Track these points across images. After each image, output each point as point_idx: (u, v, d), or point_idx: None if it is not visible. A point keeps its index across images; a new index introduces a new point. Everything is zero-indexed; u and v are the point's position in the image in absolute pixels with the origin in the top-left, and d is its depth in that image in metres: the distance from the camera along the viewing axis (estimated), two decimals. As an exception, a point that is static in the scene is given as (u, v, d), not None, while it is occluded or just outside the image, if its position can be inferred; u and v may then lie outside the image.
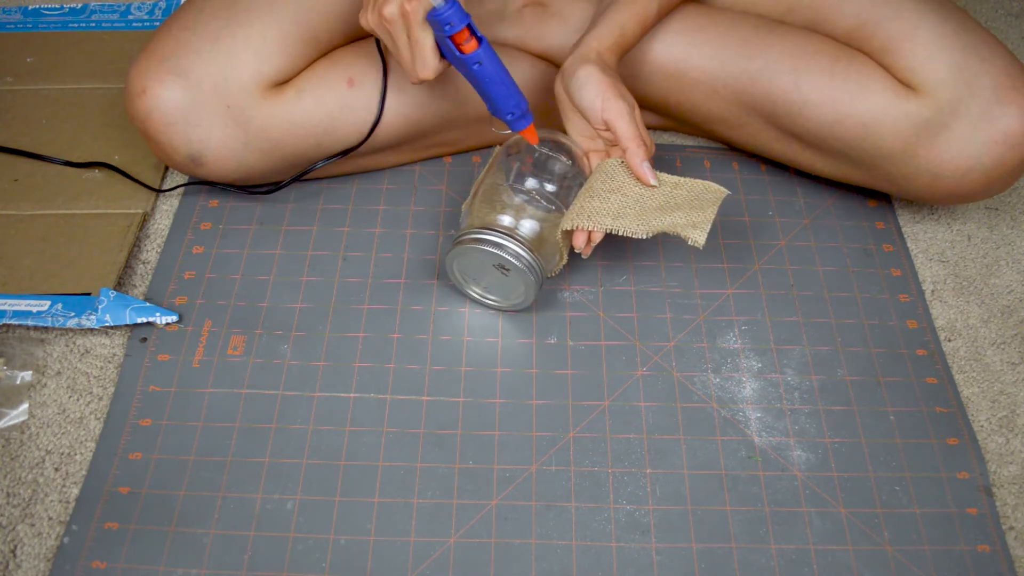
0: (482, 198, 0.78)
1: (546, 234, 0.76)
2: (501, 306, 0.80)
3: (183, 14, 0.82)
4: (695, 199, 0.76)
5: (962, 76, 0.77)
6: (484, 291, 0.80)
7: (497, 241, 0.74)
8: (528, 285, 0.76)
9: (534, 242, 0.75)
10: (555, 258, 0.78)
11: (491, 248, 0.74)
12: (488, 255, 0.74)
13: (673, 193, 0.76)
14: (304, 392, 0.76)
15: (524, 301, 0.78)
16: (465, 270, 0.79)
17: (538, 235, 0.76)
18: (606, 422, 0.75)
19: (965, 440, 0.74)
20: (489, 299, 0.80)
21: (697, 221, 0.74)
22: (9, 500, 0.70)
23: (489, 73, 0.73)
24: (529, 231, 0.75)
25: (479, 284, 0.80)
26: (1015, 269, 0.88)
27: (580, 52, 0.78)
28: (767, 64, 0.83)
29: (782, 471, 0.72)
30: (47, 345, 0.79)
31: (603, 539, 0.68)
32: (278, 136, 0.82)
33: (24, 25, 1.08)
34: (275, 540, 0.68)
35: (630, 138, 0.74)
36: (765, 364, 0.79)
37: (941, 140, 0.78)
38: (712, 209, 0.75)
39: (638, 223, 0.74)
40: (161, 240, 0.87)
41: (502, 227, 0.75)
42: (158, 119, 0.79)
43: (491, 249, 0.74)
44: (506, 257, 0.74)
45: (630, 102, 0.76)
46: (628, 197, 0.75)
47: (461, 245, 0.75)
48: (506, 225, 0.75)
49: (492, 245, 0.74)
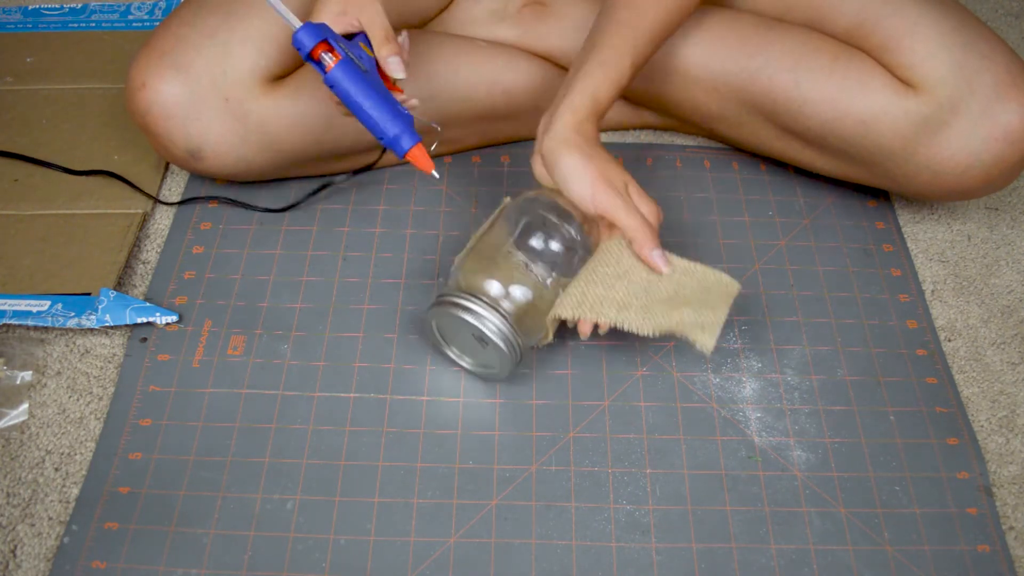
0: (477, 254, 0.73)
1: (537, 303, 0.71)
2: (476, 372, 0.76)
3: (183, 11, 0.82)
4: (706, 291, 0.71)
5: (962, 73, 0.77)
6: (460, 352, 0.76)
7: (479, 312, 0.69)
8: (504, 361, 0.72)
9: (520, 314, 0.70)
10: (540, 332, 0.73)
11: (471, 319, 0.69)
12: (468, 325, 0.70)
13: (683, 281, 0.71)
14: (304, 392, 0.76)
15: (499, 373, 0.74)
16: (444, 330, 0.75)
17: (529, 304, 0.71)
18: (606, 422, 0.75)
19: (965, 440, 0.74)
20: (465, 361, 0.76)
21: (707, 322, 0.69)
22: (9, 500, 0.70)
23: (343, 93, 0.68)
24: (519, 300, 0.70)
25: (456, 345, 0.76)
26: (1015, 269, 0.88)
27: (556, 130, 0.73)
28: (767, 62, 0.83)
29: (782, 471, 0.72)
30: (47, 345, 0.79)
31: (603, 539, 0.68)
32: (276, 131, 0.82)
33: (24, 25, 1.08)
34: (275, 540, 0.68)
35: (634, 228, 0.70)
36: (765, 364, 0.79)
37: (941, 137, 0.78)
38: (724, 309, 0.71)
39: (644, 317, 0.69)
40: (161, 240, 0.87)
41: (487, 296, 0.70)
42: (157, 113, 0.80)
43: (471, 320, 0.69)
44: (486, 332, 0.69)
45: (621, 187, 0.72)
46: (634, 284, 0.70)
47: (443, 307, 0.71)
48: (492, 295, 0.70)
49: (473, 315, 0.69)
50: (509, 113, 0.92)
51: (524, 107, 0.92)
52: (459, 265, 0.73)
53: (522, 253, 0.72)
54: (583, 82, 0.74)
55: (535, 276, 0.71)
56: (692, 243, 0.87)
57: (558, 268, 0.72)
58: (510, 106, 0.92)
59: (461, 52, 0.89)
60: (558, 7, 0.91)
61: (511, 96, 0.91)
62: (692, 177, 0.93)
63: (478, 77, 0.89)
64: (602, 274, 0.71)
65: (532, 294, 0.71)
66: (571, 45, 0.91)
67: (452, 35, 0.92)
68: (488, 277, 0.71)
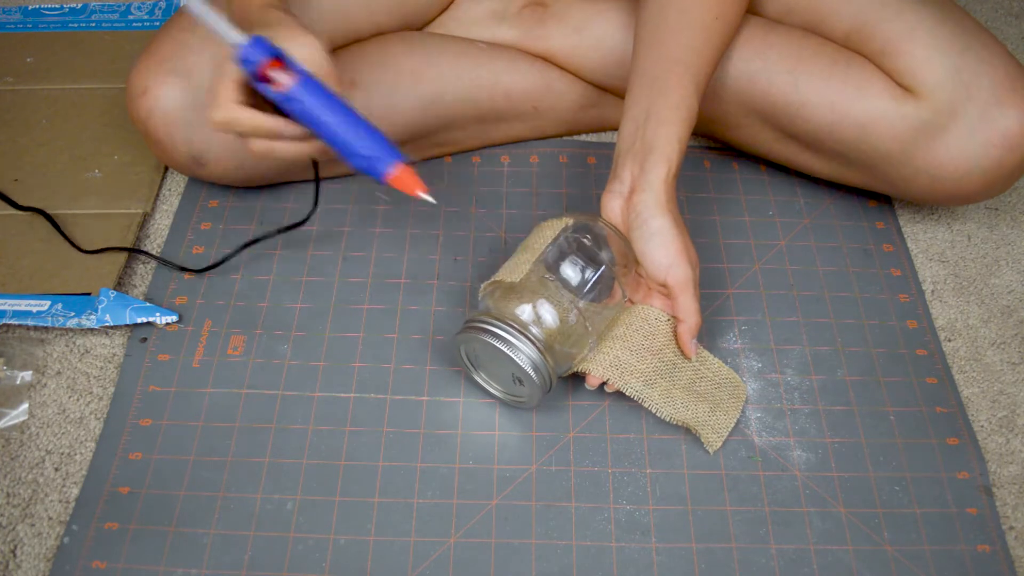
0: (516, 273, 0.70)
1: (566, 331, 0.69)
2: (505, 400, 0.75)
3: (183, 16, 0.82)
4: (718, 387, 0.74)
5: (960, 78, 0.77)
6: (488, 378, 0.74)
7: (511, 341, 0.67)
8: (534, 391, 0.70)
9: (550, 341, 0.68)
10: (568, 363, 0.72)
11: (503, 347, 0.67)
12: (499, 354, 0.68)
13: (702, 371, 0.74)
14: (304, 392, 0.76)
15: (527, 403, 0.73)
16: (473, 355, 0.73)
17: (558, 331, 0.69)
18: (606, 422, 0.75)
19: (965, 440, 0.74)
20: (493, 387, 0.75)
21: (719, 425, 0.72)
22: (9, 500, 0.70)
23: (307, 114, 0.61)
24: (550, 326, 0.69)
25: (485, 371, 0.74)
26: (1015, 269, 0.88)
27: (653, 185, 0.70)
28: (766, 65, 0.83)
29: (782, 471, 0.72)
30: (47, 345, 0.79)
31: (603, 539, 0.68)
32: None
33: (24, 25, 1.08)
34: (275, 540, 0.68)
35: (690, 313, 0.71)
36: (765, 364, 0.79)
37: (940, 142, 0.78)
38: (734, 414, 0.73)
39: (664, 401, 0.71)
40: (161, 240, 0.87)
41: (518, 323, 0.68)
42: (159, 119, 0.79)
43: (503, 348, 0.67)
44: (521, 366, 0.67)
45: (695, 267, 0.71)
46: (663, 363, 0.72)
47: (472, 332, 0.69)
48: (522, 320, 0.68)
49: (504, 343, 0.67)
50: (509, 114, 0.92)
51: (524, 108, 0.92)
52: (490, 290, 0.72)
53: (555, 277, 0.70)
54: (666, 129, 0.72)
55: (566, 303, 0.70)
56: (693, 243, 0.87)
57: (588, 297, 0.71)
58: (510, 107, 0.92)
59: (461, 54, 0.89)
60: (558, 8, 0.91)
61: (511, 97, 0.91)
62: (692, 177, 0.93)
63: (478, 78, 0.89)
64: (636, 343, 0.71)
65: (561, 321, 0.69)
66: (572, 46, 0.91)
67: (452, 36, 0.92)
68: (520, 301, 0.69)
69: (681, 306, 0.71)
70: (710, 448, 0.72)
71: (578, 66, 0.92)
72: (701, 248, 0.87)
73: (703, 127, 0.93)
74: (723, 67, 0.85)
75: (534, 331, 0.68)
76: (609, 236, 0.72)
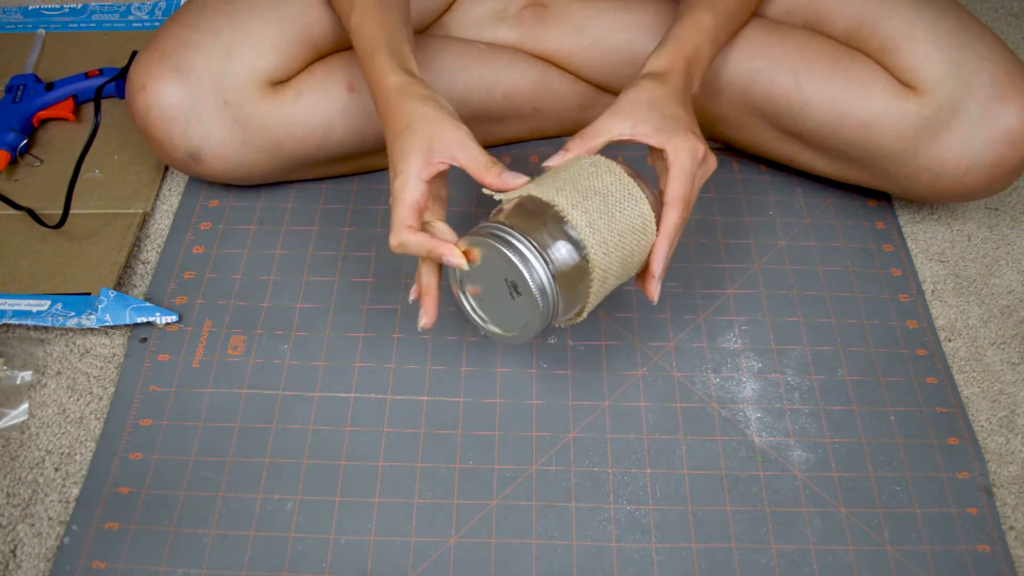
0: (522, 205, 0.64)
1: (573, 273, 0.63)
2: (489, 328, 0.67)
3: (185, 12, 0.82)
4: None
5: (960, 74, 0.77)
6: (477, 303, 0.67)
7: (525, 254, 0.60)
8: (532, 322, 0.63)
9: (559, 276, 0.62)
10: (573, 309, 0.65)
11: (515, 257, 0.60)
12: (506, 265, 0.61)
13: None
14: (304, 392, 0.76)
15: (517, 336, 0.65)
16: (473, 270, 0.64)
17: (569, 268, 0.63)
18: (606, 422, 0.75)
19: (965, 440, 0.74)
20: (478, 314, 0.67)
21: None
22: (9, 500, 0.70)
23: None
24: (564, 259, 0.62)
25: (476, 289, 0.67)
26: (1015, 269, 0.88)
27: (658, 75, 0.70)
28: (768, 64, 0.83)
29: (782, 471, 0.72)
30: (47, 345, 0.79)
31: (603, 539, 0.68)
32: (278, 136, 0.82)
33: (24, 25, 1.08)
34: (275, 540, 0.68)
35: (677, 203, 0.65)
36: (765, 364, 0.79)
37: (941, 139, 0.78)
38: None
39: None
40: (161, 240, 0.87)
41: (535, 239, 0.61)
42: (157, 115, 0.80)
43: (514, 258, 0.60)
44: (526, 277, 0.60)
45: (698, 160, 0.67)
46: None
47: (484, 237, 0.62)
48: (542, 240, 0.62)
49: (518, 255, 0.60)
50: (509, 114, 0.92)
51: (524, 108, 0.92)
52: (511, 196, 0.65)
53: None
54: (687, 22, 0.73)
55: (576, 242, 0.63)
56: (693, 243, 0.87)
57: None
58: (510, 107, 0.92)
59: (461, 54, 0.89)
60: (558, 8, 0.91)
61: (511, 98, 0.91)
62: (692, 177, 0.93)
63: (478, 79, 0.89)
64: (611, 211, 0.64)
65: (575, 259, 0.63)
66: (571, 47, 0.91)
67: (452, 38, 0.92)
68: (541, 230, 0.62)
69: (670, 191, 0.65)
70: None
71: (578, 66, 0.92)
72: (701, 248, 0.87)
73: (704, 127, 0.93)
74: (725, 66, 0.85)
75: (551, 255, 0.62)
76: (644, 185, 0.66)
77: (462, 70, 0.89)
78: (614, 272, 0.65)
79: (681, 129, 0.67)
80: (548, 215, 0.63)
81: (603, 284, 0.65)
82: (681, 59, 0.72)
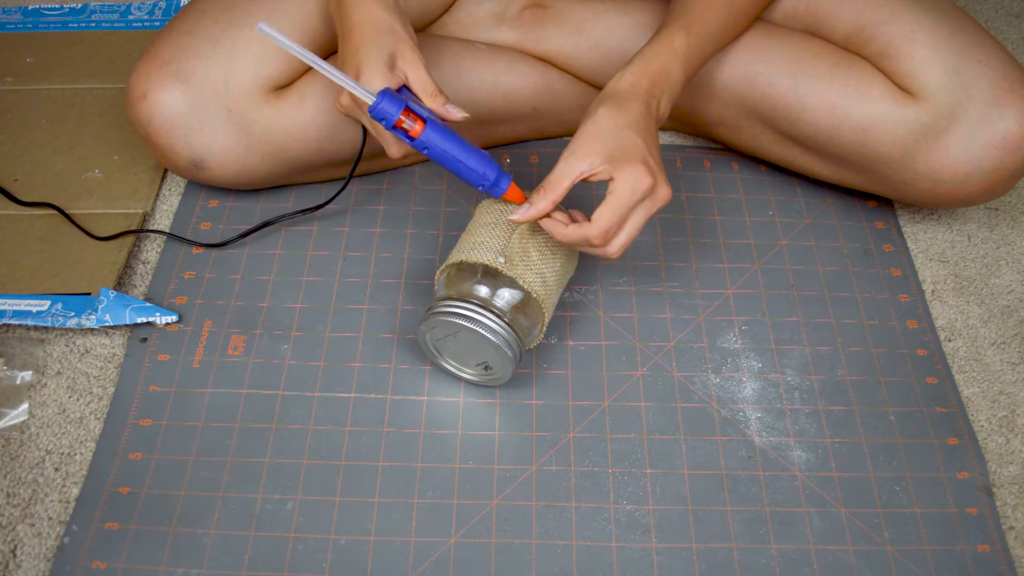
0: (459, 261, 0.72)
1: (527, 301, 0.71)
2: (477, 381, 0.75)
3: (183, 18, 0.82)
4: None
5: (959, 80, 0.77)
6: (459, 364, 0.75)
7: (475, 317, 0.68)
8: (504, 362, 0.71)
9: (513, 312, 0.70)
10: (535, 330, 0.73)
11: (465, 322, 0.68)
12: (463, 330, 0.69)
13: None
14: (304, 392, 0.76)
15: (500, 378, 0.74)
16: (439, 343, 0.73)
17: (520, 302, 0.71)
18: (606, 422, 0.75)
19: (965, 440, 0.74)
20: (465, 372, 0.75)
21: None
22: (9, 500, 0.70)
23: (440, 154, 0.68)
24: (508, 299, 0.70)
25: (453, 356, 0.74)
26: (1015, 269, 0.88)
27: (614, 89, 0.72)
28: (766, 68, 0.83)
29: (782, 471, 0.72)
30: (47, 345, 0.79)
31: (603, 539, 0.68)
32: (281, 140, 0.82)
33: (24, 25, 1.08)
34: (275, 540, 0.68)
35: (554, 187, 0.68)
36: (765, 364, 0.79)
37: (940, 145, 0.78)
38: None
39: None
40: (161, 240, 0.87)
41: (478, 298, 0.69)
42: (159, 124, 0.79)
43: (465, 324, 0.68)
44: (482, 333, 0.68)
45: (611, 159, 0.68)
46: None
47: (434, 317, 0.70)
48: (482, 297, 0.70)
49: (465, 319, 0.68)
50: (509, 116, 0.92)
51: (525, 109, 0.92)
52: (443, 279, 0.73)
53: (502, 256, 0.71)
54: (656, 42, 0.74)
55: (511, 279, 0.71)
56: (693, 243, 0.87)
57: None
58: (510, 108, 0.92)
59: (461, 56, 0.89)
60: (558, 9, 0.91)
61: (511, 99, 0.91)
62: (692, 177, 0.93)
63: (478, 80, 0.89)
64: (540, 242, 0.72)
65: (521, 293, 0.71)
66: (571, 48, 0.91)
67: (452, 38, 0.92)
68: (475, 283, 0.70)
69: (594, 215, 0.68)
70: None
71: (578, 67, 0.92)
72: (701, 248, 0.87)
73: (704, 129, 0.93)
74: (723, 70, 0.85)
75: (498, 303, 0.70)
76: None
77: (463, 71, 0.89)
78: (553, 284, 0.73)
79: (632, 159, 0.67)
80: (478, 269, 0.71)
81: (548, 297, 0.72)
82: (646, 78, 0.72)
